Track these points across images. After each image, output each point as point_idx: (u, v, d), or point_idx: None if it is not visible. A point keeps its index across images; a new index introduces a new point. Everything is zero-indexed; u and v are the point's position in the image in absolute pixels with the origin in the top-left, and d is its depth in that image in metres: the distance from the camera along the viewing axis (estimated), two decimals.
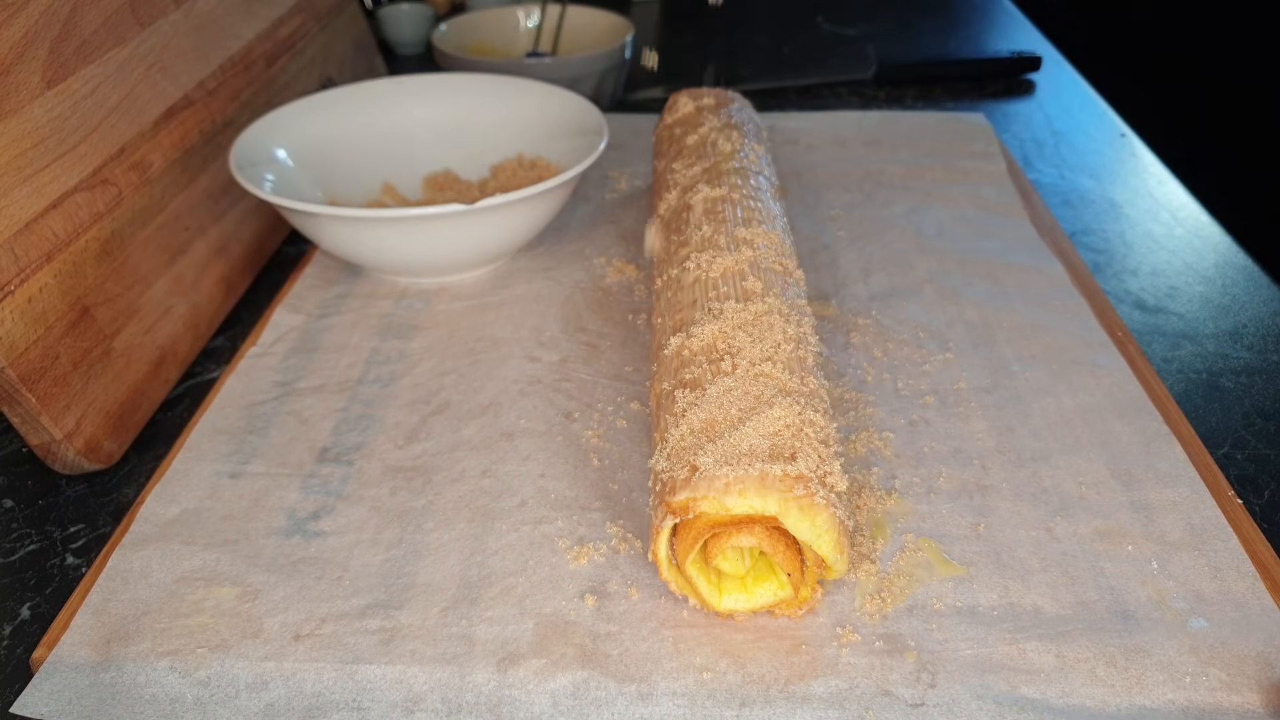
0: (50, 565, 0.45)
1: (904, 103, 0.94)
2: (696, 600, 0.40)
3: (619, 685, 0.37)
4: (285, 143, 0.65)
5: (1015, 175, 0.75)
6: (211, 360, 0.60)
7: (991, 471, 0.47)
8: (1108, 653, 0.37)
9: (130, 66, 0.57)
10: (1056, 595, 0.40)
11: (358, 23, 0.93)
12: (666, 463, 0.39)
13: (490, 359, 0.55)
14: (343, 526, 0.44)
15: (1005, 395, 0.52)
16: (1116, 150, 0.84)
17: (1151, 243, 0.69)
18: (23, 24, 0.49)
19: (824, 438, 0.39)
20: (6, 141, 0.47)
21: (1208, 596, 0.40)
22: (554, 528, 0.44)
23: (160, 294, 0.57)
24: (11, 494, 0.49)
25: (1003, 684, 0.36)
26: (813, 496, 0.36)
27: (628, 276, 0.63)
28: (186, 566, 0.42)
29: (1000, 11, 1.21)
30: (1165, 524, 0.43)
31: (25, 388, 0.46)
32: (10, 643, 0.41)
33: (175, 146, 0.60)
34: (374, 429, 0.50)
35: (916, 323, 0.58)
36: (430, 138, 0.71)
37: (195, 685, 0.37)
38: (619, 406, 0.52)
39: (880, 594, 0.40)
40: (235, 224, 0.65)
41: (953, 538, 0.43)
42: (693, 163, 0.60)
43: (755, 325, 0.45)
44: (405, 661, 0.38)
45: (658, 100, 0.94)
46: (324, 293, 0.62)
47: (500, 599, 0.40)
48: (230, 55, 0.68)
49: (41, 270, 0.48)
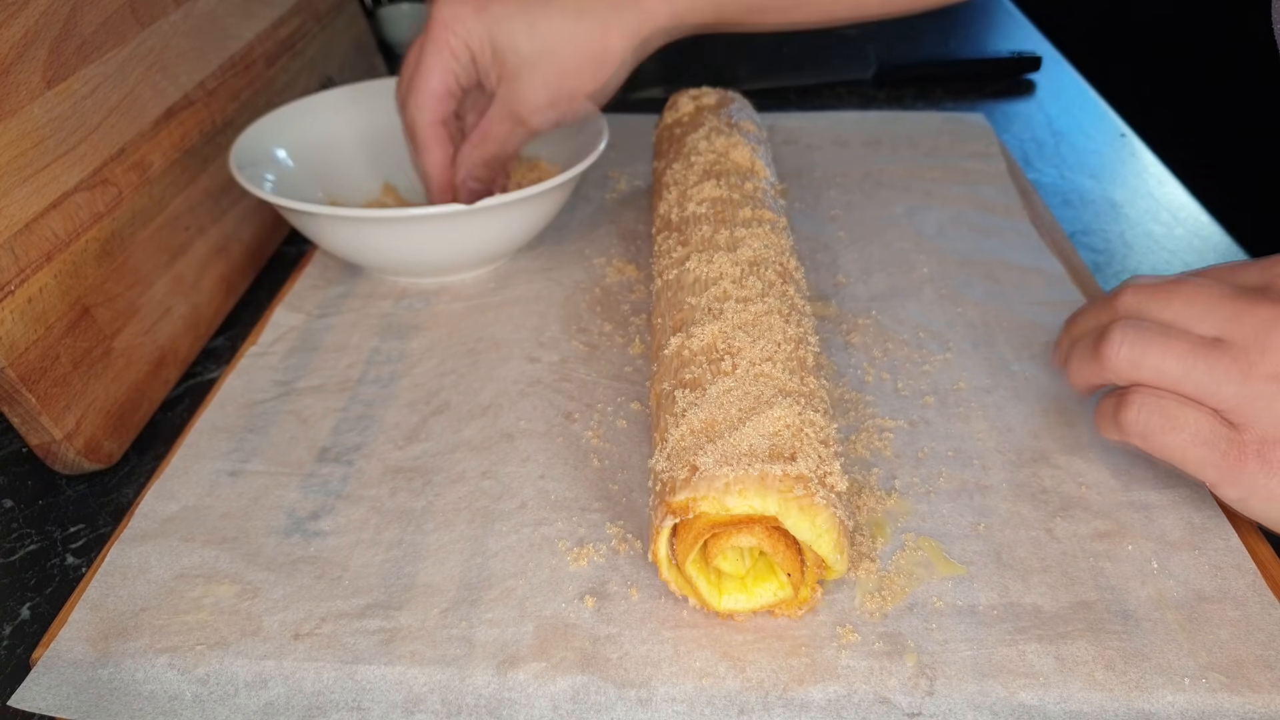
0: (50, 565, 0.45)
1: (904, 103, 0.94)
2: (696, 600, 0.40)
3: (619, 690, 0.37)
4: (285, 143, 0.65)
5: (1015, 175, 0.75)
6: (211, 360, 0.60)
7: (991, 471, 0.47)
8: (1107, 655, 0.37)
9: (130, 66, 0.57)
10: (1056, 595, 0.40)
11: (357, 23, 0.93)
12: (666, 463, 0.39)
13: (490, 359, 0.55)
14: (342, 526, 0.44)
15: (1005, 395, 0.52)
16: (1116, 150, 0.84)
17: (1151, 243, 0.69)
18: (23, 24, 0.49)
19: (824, 438, 0.39)
20: (6, 141, 0.47)
21: (1208, 596, 0.40)
22: (554, 529, 0.44)
23: (160, 294, 0.57)
24: (11, 494, 0.49)
25: (1001, 689, 0.36)
26: (813, 496, 0.36)
27: (628, 276, 0.63)
28: (185, 563, 0.42)
29: (1000, 11, 1.21)
30: (1165, 524, 0.43)
31: (25, 388, 0.46)
32: (10, 642, 0.41)
33: (175, 146, 0.60)
34: (374, 429, 0.50)
35: (916, 323, 0.58)
36: None
37: (194, 683, 0.37)
38: (619, 406, 0.52)
39: (881, 592, 0.40)
40: (235, 224, 0.65)
41: (953, 537, 0.43)
42: (693, 163, 0.60)
43: (755, 325, 0.45)
44: (405, 662, 0.38)
45: (658, 100, 0.94)
46: (324, 293, 0.62)
47: (500, 601, 0.40)
48: (230, 55, 0.68)
49: (41, 270, 0.48)
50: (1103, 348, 0.41)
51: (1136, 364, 0.40)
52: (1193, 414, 0.39)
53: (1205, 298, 0.40)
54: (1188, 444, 0.39)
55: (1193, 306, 0.40)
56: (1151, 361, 0.39)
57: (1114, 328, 0.41)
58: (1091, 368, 0.42)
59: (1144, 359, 0.40)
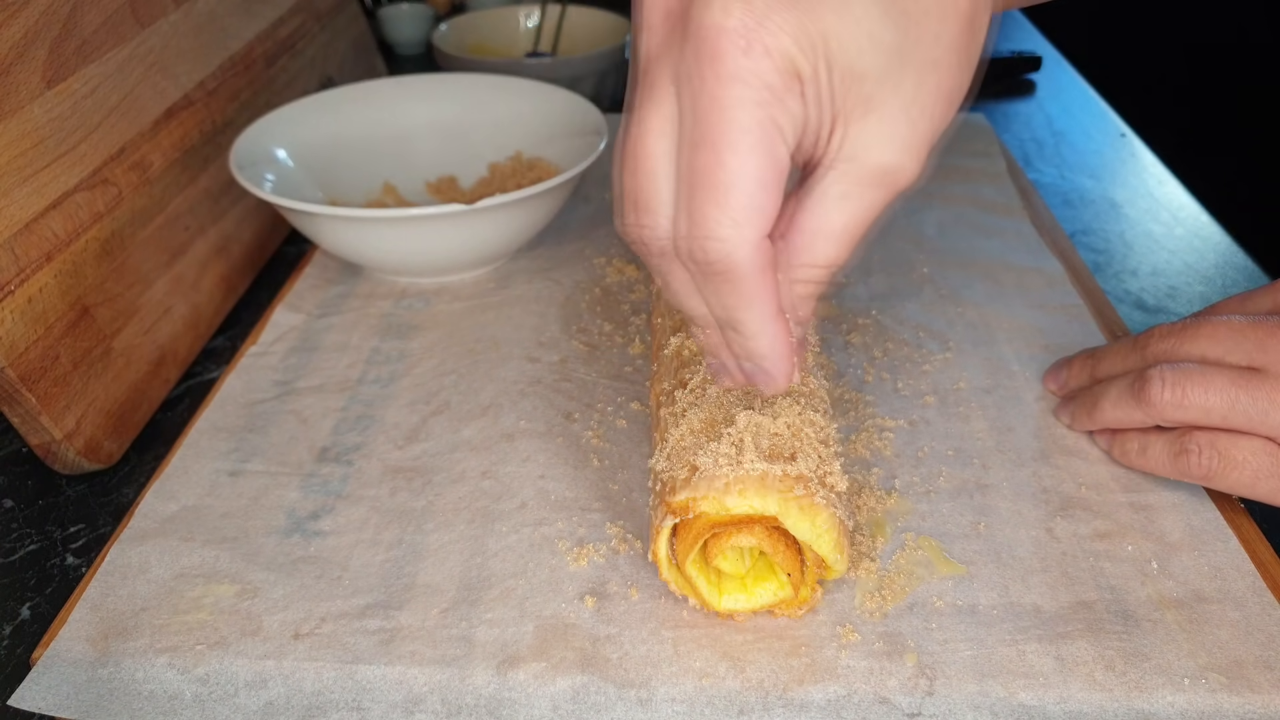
0: (50, 565, 0.45)
1: None
2: (696, 600, 0.40)
3: (619, 690, 0.37)
4: (285, 143, 0.65)
5: (1015, 175, 0.75)
6: (211, 360, 0.60)
7: (991, 471, 0.47)
8: (1106, 656, 0.37)
9: (130, 66, 0.57)
10: (1056, 595, 0.40)
11: (358, 23, 0.93)
12: (666, 463, 0.39)
13: (490, 359, 0.55)
14: (342, 526, 0.44)
15: (1005, 395, 0.52)
16: (1116, 150, 0.84)
17: (1151, 243, 0.69)
18: (23, 24, 0.49)
19: (824, 438, 0.39)
20: (6, 141, 0.47)
21: (1208, 597, 0.40)
22: (554, 529, 0.44)
23: (160, 294, 0.57)
24: (11, 494, 0.49)
25: (1001, 690, 0.36)
26: (812, 496, 0.36)
27: (628, 276, 0.63)
28: (185, 563, 0.42)
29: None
30: (1165, 524, 0.43)
31: (25, 388, 0.46)
32: (10, 642, 0.41)
33: (175, 146, 0.60)
34: (374, 429, 0.50)
35: (916, 323, 0.58)
36: (430, 138, 0.71)
37: (194, 682, 0.37)
38: (619, 406, 0.52)
39: (881, 591, 0.40)
40: (235, 224, 0.65)
41: (953, 536, 0.43)
42: None
43: None
44: (405, 662, 0.38)
45: None
46: (324, 292, 0.62)
47: (500, 601, 0.40)
48: (230, 55, 0.68)
49: (41, 270, 0.48)
50: (1146, 392, 0.43)
51: (1181, 404, 0.42)
52: (1249, 448, 0.40)
53: (1227, 332, 0.42)
54: (1254, 479, 0.40)
55: (1218, 342, 0.42)
56: (1195, 400, 0.41)
57: (1151, 373, 0.43)
58: (1134, 413, 0.44)
59: (1187, 398, 0.41)
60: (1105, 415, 0.46)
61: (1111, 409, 0.45)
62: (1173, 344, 0.44)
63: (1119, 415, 0.45)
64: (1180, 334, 0.44)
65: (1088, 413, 0.47)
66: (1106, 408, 0.45)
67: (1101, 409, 0.46)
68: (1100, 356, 0.49)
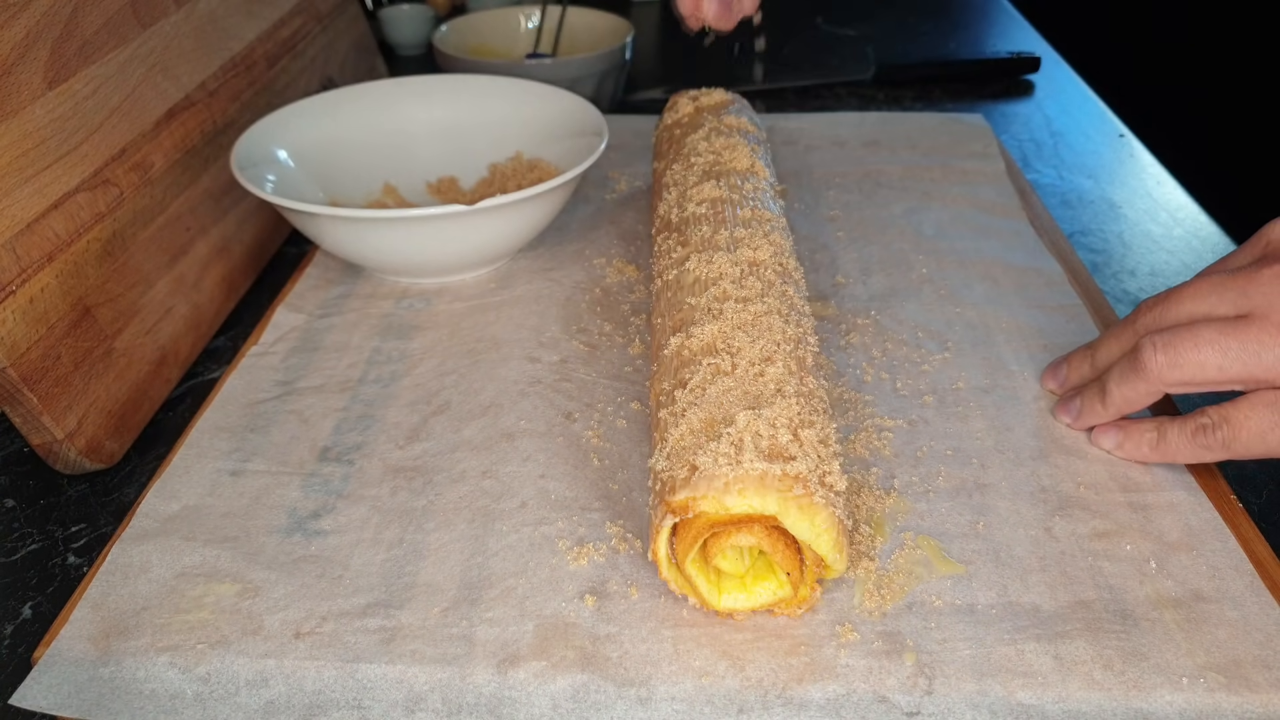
0: (52, 565, 0.45)
1: (903, 103, 0.94)
2: (696, 599, 0.40)
3: (618, 689, 0.37)
4: (286, 143, 0.65)
5: (1014, 176, 0.75)
6: (213, 360, 0.60)
7: (990, 470, 0.47)
8: (1105, 655, 0.38)
9: (131, 67, 0.57)
10: (1055, 594, 0.40)
11: (359, 24, 0.94)
12: (666, 462, 0.40)
13: (491, 359, 0.56)
14: (343, 526, 0.45)
15: (1004, 395, 0.52)
16: (1115, 151, 0.84)
17: (1150, 243, 0.69)
18: (24, 24, 0.49)
19: (823, 437, 0.40)
20: (8, 142, 0.47)
21: (1206, 596, 0.40)
22: (554, 529, 0.44)
23: (162, 294, 0.57)
24: (13, 494, 0.50)
25: (999, 688, 0.36)
26: (812, 496, 0.36)
27: (628, 276, 0.63)
28: (187, 562, 0.43)
29: (1000, 12, 1.22)
30: (1163, 524, 0.44)
31: (27, 388, 0.46)
32: (11, 641, 0.41)
33: (176, 147, 0.60)
34: (375, 429, 0.51)
35: (915, 323, 0.58)
36: (431, 138, 0.71)
37: (195, 681, 0.37)
38: (619, 406, 0.52)
39: (880, 590, 0.40)
40: (236, 224, 0.66)
41: (952, 536, 0.43)
42: (692, 163, 0.60)
43: (754, 325, 0.45)
44: (406, 661, 0.38)
45: (658, 101, 0.94)
46: (325, 293, 0.62)
47: (500, 600, 0.41)
48: (231, 56, 0.69)
49: (43, 270, 0.48)
50: (1140, 361, 0.43)
51: (1176, 364, 0.42)
52: (1245, 406, 0.41)
53: (1210, 287, 0.43)
54: (1263, 434, 0.41)
55: (1202, 299, 0.43)
56: (1189, 357, 0.42)
57: (1143, 342, 0.44)
58: (1137, 387, 0.44)
59: (1180, 357, 0.42)
60: (1113, 397, 0.46)
61: (1117, 389, 0.46)
62: (1159, 311, 0.45)
63: (1125, 393, 0.45)
64: (1165, 300, 0.45)
65: (1099, 401, 0.47)
66: (1113, 389, 0.46)
67: (1109, 392, 0.46)
68: (1096, 345, 0.49)
